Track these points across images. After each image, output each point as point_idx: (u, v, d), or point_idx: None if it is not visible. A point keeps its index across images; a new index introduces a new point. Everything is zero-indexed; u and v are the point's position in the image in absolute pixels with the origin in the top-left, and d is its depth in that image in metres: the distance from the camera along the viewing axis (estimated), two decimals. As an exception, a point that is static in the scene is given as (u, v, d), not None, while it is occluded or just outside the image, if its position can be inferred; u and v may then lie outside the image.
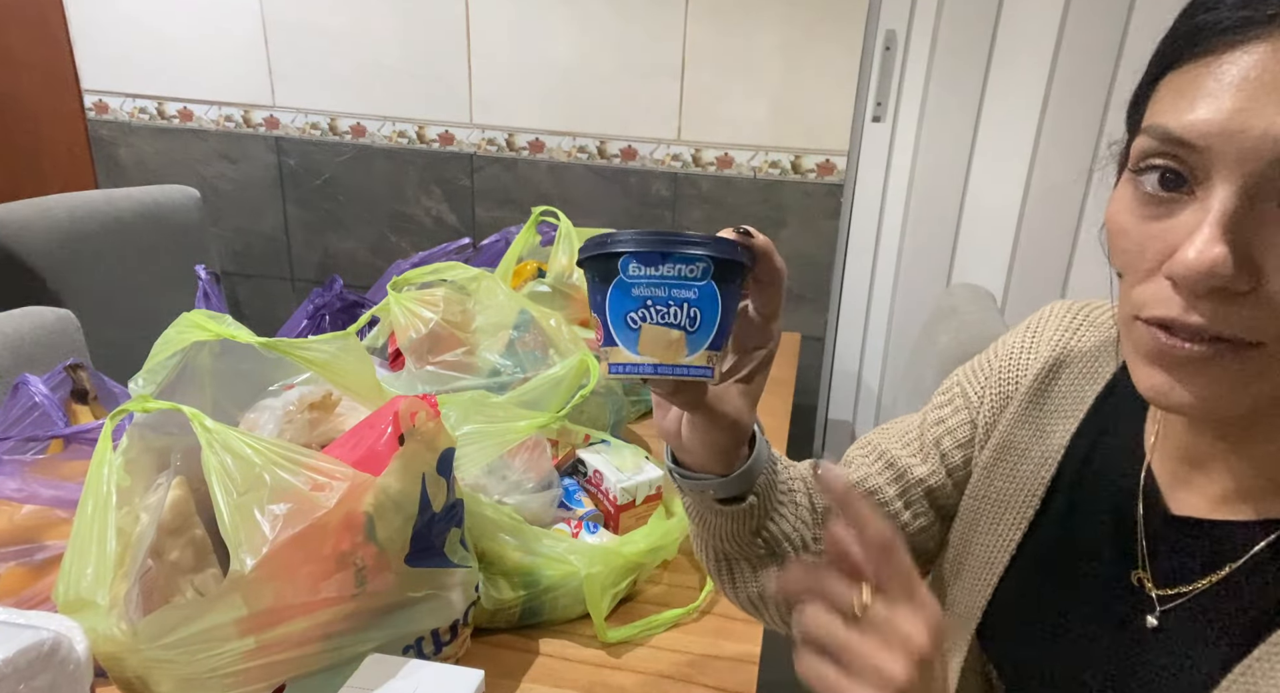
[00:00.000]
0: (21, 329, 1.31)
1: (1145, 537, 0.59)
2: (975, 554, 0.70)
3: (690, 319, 0.49)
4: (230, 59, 2.15)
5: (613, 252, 0.49)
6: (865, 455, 0.76)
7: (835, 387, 2.09)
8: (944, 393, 0.76)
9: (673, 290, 0.49)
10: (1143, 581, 0.59)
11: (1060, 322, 0.70)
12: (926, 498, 0.74)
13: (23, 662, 0.59)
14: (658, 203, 2.02)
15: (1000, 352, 0.72)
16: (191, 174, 2.26)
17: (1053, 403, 0.67)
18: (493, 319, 1.19)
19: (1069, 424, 0.66)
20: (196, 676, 0.68)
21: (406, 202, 2.18)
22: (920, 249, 1.92)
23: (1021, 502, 0.67)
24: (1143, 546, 0.59)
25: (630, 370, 0.50)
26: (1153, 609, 0.57)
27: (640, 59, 1.93)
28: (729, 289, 0.51)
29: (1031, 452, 0.67)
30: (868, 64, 1.83)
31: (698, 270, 0.49)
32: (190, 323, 0.79)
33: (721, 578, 0.70)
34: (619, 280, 0.49)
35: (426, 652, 0.83)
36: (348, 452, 0.76)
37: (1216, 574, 0.54)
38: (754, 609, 0.71)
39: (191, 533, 0.77)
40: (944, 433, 0.73)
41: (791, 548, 0.67)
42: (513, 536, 0.92)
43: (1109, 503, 0.62)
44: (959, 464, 0.73)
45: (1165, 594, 0.57)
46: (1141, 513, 0.59)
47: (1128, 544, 0.60)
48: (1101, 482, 0.63)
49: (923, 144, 1.85)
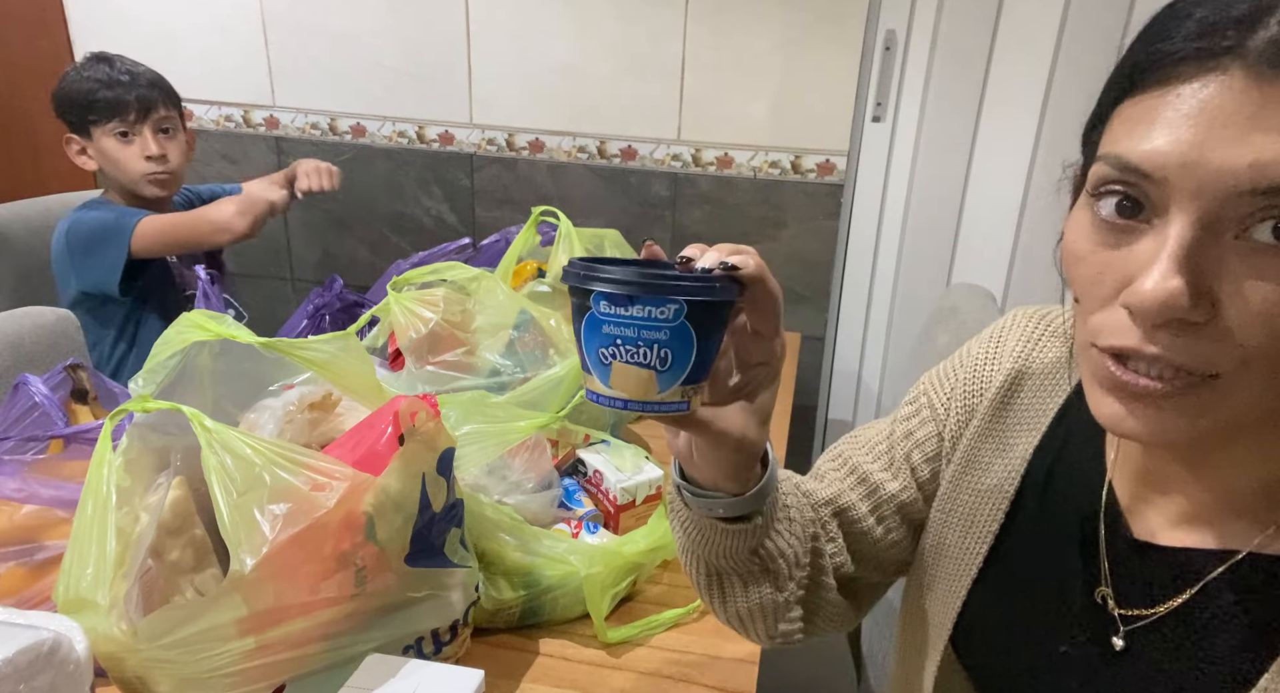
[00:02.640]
0: (21, 329, 1.31)
1: (1108, 558, 0.59)
2: (944, 566, 0.70)
3: (660, 359, 0.49)
4: (230, 59, 2.15)
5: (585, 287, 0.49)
6: (836, 470, 0.75)
7: (835, 387, 2.09)
8: (911, 403, 0.75)
9: (642, 331, 0.48)
10: (1107, 598, 0.59)
11: (1023, 332, 0.69)
12: (899, 513, 0.73)
13: (23, 662, 0.59)
14: (658, 203, 2.02)
15: (965, 361, 0.72)
16: (192, 174, 2.26)
17: (1014, 416, 0.67)
18: (493, 319, 1.19)
19: (1031, 438, 0.66)
20: (196, 676, 0.68)
21: (406, 202, 2.18)
22: (920, 249, 1.92)
23: (987, 515, 0.67)
24: (1105, 567, 0.59)
25: (604, 402, 0.50)
26: (1118, 631, 0.58)
27: (640, 59, 1.93)
28: (708, 323, 0.50)
29: (994, 466, 0.67)
30: (868, 64, 1.83)
31: (669, 312, 0.48)
32: (190, 323, 0.79)
33: (711, 593, 0.68)
34: (591, 315, 0.49)
35: (426, 652, 0.83)
36: (348, 452, 0.76)
37: (1176, 600, 0.55)
38: (740, 625, 0.70)
39: (191, 533, 0.77)
40: (913, 447, 0.73)
41: (785, 565, 0.66)
42: (512, 536, 0.92)
43: (1073, 521, 0.62)
44: (928, 478, 0.73)
45: (1130, 615, 0.57)
46: (1103, 534, 0.60)
47: (1091, 563, 0.60)
48: (1064, 499, 0.63)
49: (923, 144, 1.85)
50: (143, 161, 1.56)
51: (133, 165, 1.56)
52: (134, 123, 1.55)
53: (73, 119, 1.56)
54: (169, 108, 1.60)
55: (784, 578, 0.66)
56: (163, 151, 1.58)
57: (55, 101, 1.56)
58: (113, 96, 1.53)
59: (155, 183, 1.59)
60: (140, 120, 1.56)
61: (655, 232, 2.04)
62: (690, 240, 1.69)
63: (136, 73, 1.57)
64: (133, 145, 1.56)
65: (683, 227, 2.03)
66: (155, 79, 1.60)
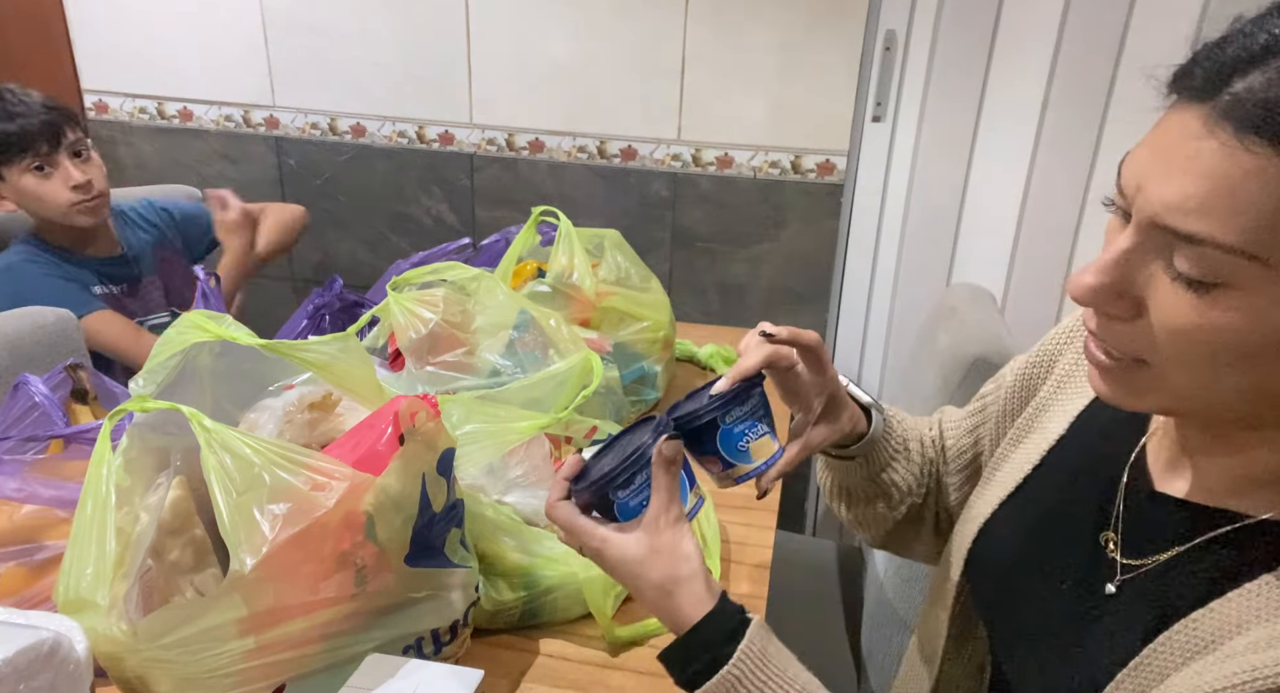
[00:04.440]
0: (21, 329, 1.31)
1: (1124, 504, 0.62)
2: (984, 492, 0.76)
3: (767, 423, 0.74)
4: (230, 59, 2.14)
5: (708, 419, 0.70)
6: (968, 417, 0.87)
7: (835, 387, 2.09)
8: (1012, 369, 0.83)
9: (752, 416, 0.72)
10: (1110, 542, 0.61)
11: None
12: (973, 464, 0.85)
13: (23, 662, 0.59)
14: (658, 203, 2.02)
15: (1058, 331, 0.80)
16: (192, 174, 2.26)
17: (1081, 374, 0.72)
18: (493, 319, 1.19)
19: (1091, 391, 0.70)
20: (196, 676, 0.68)
21: (406, 202, 2.18)
22: (920, 249, 1.92)
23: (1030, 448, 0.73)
24: (1119, 511, 0.62)
25: (751, 475, 0.73)
26: (1113, 576, 0.60)
27: (640, 59, 1.93)
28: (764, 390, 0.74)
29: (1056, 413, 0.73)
30: (868, 64, 1.83)
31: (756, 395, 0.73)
32: (190, 324, 0.79)
33: (836, 501, 0.86)
34: (723, 429, 0.71)
35: (426, 652, 0.83)
36: (348, 452, 0.76)
37: (1172, 551, 0.56)
38: (857, 527, 0.88)
39: (191, 533, 0.77)
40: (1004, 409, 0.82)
41: (898, 492, 0.83)
42: (512, 537, 0.92)
43: (1103, 468, 0.65)
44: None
45: (1128, 563, 0.59)
46: (1125, 483, 0.62)
47: (1106, 507, 0.63)
48: (1104, 447, 0.66)
49: (923, 144, 1.85)
50: (67, 192, 1.47)
51: (57, 198, 1.47)
52: (47, 154, 1.45)
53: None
54: (75, 130, 1.50)
55: (895, 501, 0.84)
56: (86, 177, 1.49)
57: None
58: (16, 130, 1.43)
59: (85, 212, 1.50)
60: (53, 150, 1.46)
61: (655, 231, 2.04)
62: (690, 239, 1.68)
63: (29, 101, 1.47)
64: (52, 179, 1.46)
65: (683, 227, 2.03)
66: (50, 102, 1.49)
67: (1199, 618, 0.52)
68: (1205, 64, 0.46)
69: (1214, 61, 0.46)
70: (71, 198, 1.48)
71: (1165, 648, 0.53)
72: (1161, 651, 0.53)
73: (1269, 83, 0.43)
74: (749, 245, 2.00)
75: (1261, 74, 0.44)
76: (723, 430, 0.71)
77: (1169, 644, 0.53)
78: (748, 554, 1.09)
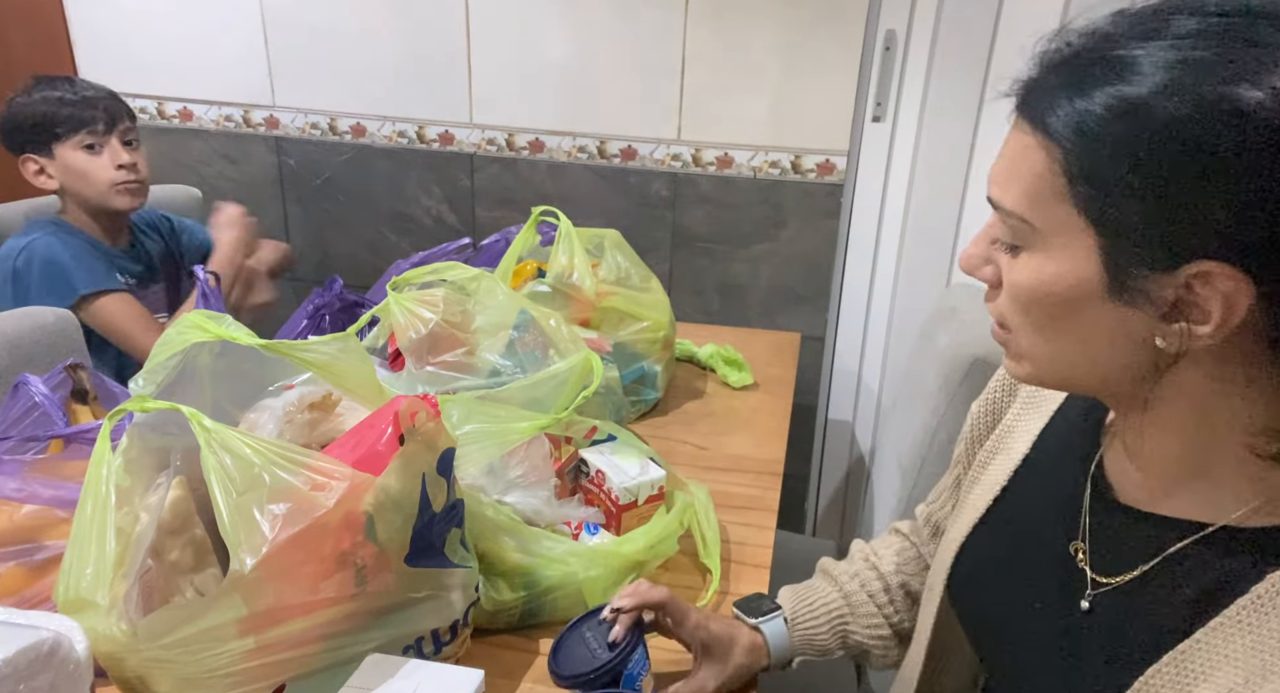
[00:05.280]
0: (21, 329, 1.31)
1: (1089, 515, 0.63)
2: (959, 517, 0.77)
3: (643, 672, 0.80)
4: (230, 59, 2.14)
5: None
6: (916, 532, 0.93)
7: (835, 387, 2.09)
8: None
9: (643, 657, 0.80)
10: (1079, 551, 0.62)
11: None
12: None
13: (23, 662, 0.59)
14: (658, 203, 2.02)
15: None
16: (191, 174, 2.26)
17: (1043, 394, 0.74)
18: (493, 319, 1.19)
19: (1052, 405, 0.72)
20: (196, 676, 0.68)
21: (406, 202, 2.18)
22: (920, 249, 1.92)
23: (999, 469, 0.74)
24: (1085, 523, 0.63)
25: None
26: (1084, 591, 0.61)
27: (640, 59, 1.93)
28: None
29: (1020, 432, 0.74)
30: (868, 64, 1.83)
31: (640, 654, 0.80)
32: (190, 324, 0.79)
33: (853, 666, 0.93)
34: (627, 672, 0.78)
35: (426, 652, 0.83)
36: (348, 452, 0.76)
37: (1144, 567, 0.57)
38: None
39: (191, 533, 0.77)
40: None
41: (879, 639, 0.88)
42: (512, 537, 0.92)
43: (1068, 481, 0.66)
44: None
45: (1101, 580, 0.60)
46: (1089, 493, 0.63)
47: (1074, 519, 0.64)
48: (1065, 462, 0.67)
49: (923, 144, 1.85)
50: (113, 170, 1.54)
51: (103, 175, 1.54)
52: (102, 134, 1.54)
53: (30, 139, 1.53)
54: (130, 122, 1.60)
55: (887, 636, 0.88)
56: (134, 160, 1.56)
57: (4, 128, 1.53)
58: (78, 109, 1.52)
59: (126, 192, 1.56)
60: (108, 131, 1.54)
61: (655, 231, 2.04)
62: (690, 239, 1.68)
63: (96, 88, 1.58)
64: (101, 156, 1.54)
65: (683, 227, 2.03)
66: (114, 94, 1.60)
67: (1187, 650, 0.53)
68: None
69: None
70: (115, 177, 1.54)
71: (1157, 680, 0.53)
72: (1154, 682, 0.54)
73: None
74: (749, 245, 2.00)
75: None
76: (626, 674, 0.78)
77: (1159, 677, 0.53)
78: (748, 554, 1.09)
